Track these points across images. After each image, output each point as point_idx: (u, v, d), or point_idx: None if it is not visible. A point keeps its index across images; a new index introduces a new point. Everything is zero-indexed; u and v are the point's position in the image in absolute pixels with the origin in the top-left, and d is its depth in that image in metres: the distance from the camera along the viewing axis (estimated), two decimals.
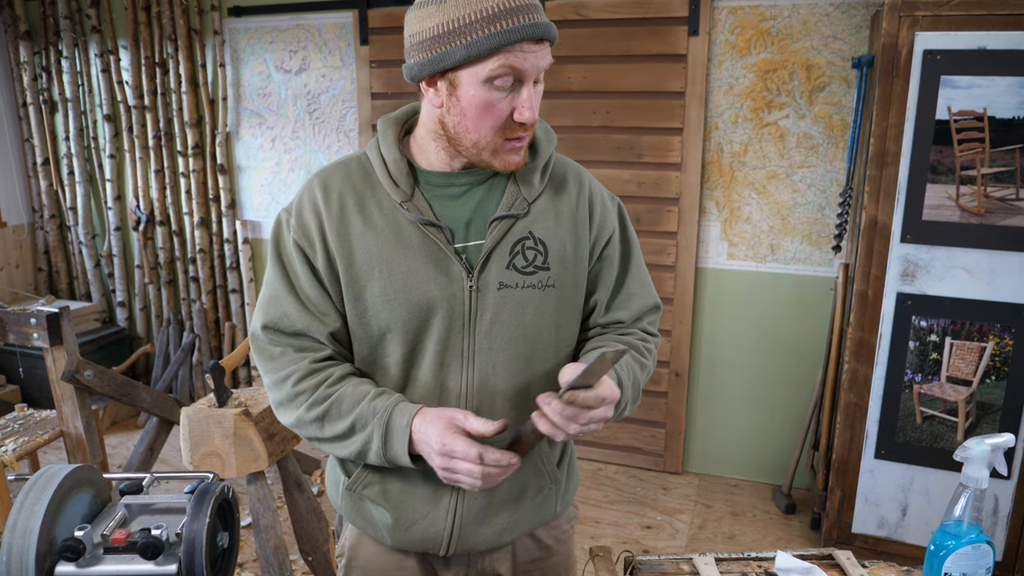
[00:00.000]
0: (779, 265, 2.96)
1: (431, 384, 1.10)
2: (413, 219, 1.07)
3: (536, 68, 0.99)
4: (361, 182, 1.11)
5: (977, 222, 2.25)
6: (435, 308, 1.07)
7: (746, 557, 1.19)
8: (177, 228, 3.82)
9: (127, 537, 0.91)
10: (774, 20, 2.76)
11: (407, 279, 1.07)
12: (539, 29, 0.97)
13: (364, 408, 1.05)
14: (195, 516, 0.90)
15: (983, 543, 1.02)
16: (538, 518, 1.23)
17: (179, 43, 3.52)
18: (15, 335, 2.21)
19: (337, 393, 1.08)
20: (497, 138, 1.02)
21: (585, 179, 1.19)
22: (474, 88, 0.99)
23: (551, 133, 1.17)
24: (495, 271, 1.08)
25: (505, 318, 1.09)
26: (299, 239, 1.10)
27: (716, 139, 2.93)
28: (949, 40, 2.17)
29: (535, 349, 1.12)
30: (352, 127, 3.43)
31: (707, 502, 3.06)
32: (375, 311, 1.08)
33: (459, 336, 1.09)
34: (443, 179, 1.10)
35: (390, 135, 1.11)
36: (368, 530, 1.21)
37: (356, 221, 1.08)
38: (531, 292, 1.10)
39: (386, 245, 1.07)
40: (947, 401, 2.38)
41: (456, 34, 0.96)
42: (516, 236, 1.09)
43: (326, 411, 1.08)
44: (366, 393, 1.07)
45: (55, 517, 0.90)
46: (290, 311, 1.10)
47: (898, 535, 2.53)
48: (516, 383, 1.12)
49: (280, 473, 2.10)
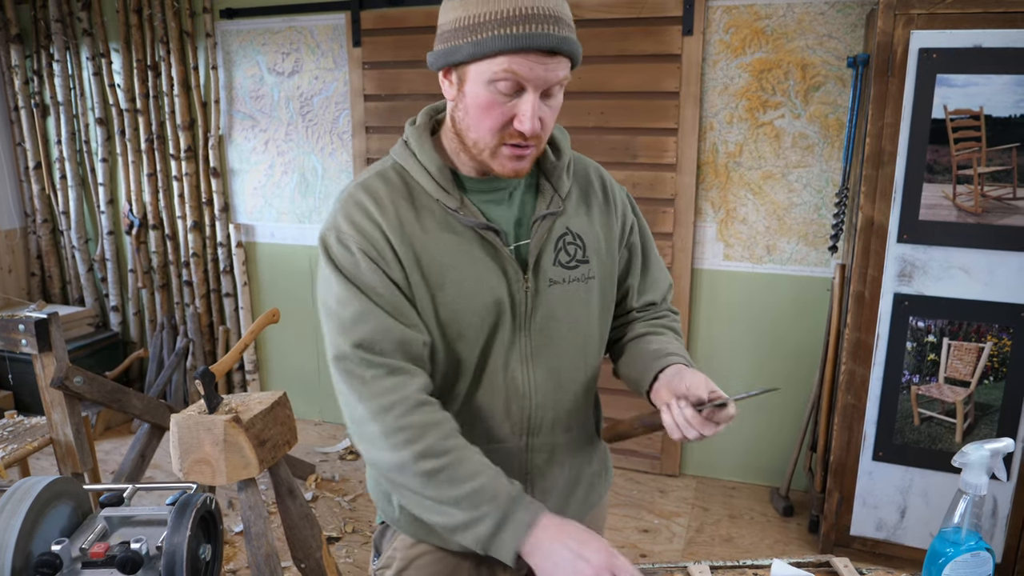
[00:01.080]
0: (775, 266, 2.94)
1: (498, 385, 1.11)
2: (470, 224, 1.06)
3: (541, 80, 0.97)
4: (406, 192, 1.08)
5: (974, 221, 2.23)
6: (502, 309, 1.09)
7: (742, 565, 1.17)
8: (170, 232, 3.80)
9: (106, 551, 0.89)
10: (768, 19, 2.74)
11: (476, 283, 1.07)
12: (549, 41, 0.95)
13: (485, 484, 0.99)
14: (176, 529, 0.88)
15: (982, 550, 1.00)
16: (588, 504, 1.28)
17: (171, 46, 3.50)
18: (3, 341, 2.19)
19: (456, 454, 1.00)
20: (495, 141, 1.01)
21: (604, 174, 1.24)
22: (478, 86, 0.99)
23: (565, 133, 1.19)
24: (545, 268, 1.11)
25: (559, 314, 1.12)
26: (366, 249, 1.03)
27: (711, 139, 2.91)
28: (945, 38, 2.15)
29: (586, 341, 1.17)
30: (345, 129, 3.41)
31: (704, 505, 3.04)
32: (449, 317, 1.07)
33: (519, 335, 1.11)
34: (486, 184, 1.10)
35: (427, 143, 1.09)
36: (431, 539, 1.19)
37: (416, 230, 1.05)
38: (577, 286, 1.13)
39: (450, 251, 1.06)
40: (945, 402, 2.36)
41: (469, 31, 0.97)
42: (557, 233, 1.12)
43: (439, 469, 0.99)
44: (486, 466, 1.01)
45: (32, 531, 0.88)
46: (380, 326, 1.02)
47: (896, 537, 2.51)
48: (574, 376, 1.16)
49: (272, 480, 2.07)
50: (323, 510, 2.97)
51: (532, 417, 1.13)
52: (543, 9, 0.95)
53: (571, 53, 0.98)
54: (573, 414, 1.19)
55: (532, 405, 1.13)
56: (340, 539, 2.77)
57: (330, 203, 3.51)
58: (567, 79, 1.01)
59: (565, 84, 1.02)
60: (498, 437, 1.13)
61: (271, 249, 3.69)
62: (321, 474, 3.26)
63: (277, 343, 3.81)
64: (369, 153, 3.37)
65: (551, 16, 0.95)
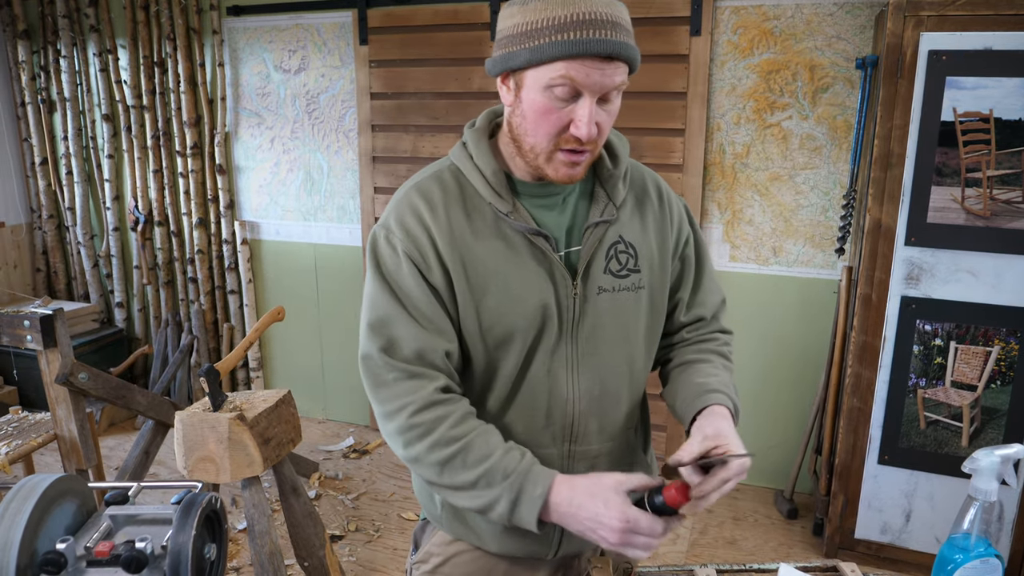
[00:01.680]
0: (782, 268, 2.93)
1: (540, 390, 1.11)
2: (521, 229, 1.07)
3: (598, 85, 0.96)
4: (459, 195, 1.09)
5: (983, 225, 2.22)
6: (548, 315, 1.08)
7: (748, 569, 1.17)
8: (175, 228, 3.80)
9: (111, 550, 0.88)
10: (777, 20, 2.73)
11: (522, 289, 1.07)
12: (606, 46, 0.95)
13: (494, 464, 1.03)
14: (181, 528, 0.88)
15: (992, 556, 0.99)
16: None
17: (178, 42, 3.50)
18: (9, 337, 2.19)
19: (465, 440, 1.04)
20: (552, 146, 1.02)
21: (661, 184, 1.22)
22: (535, 92, 0.99)
23: (624, 138, 1.18)
24: (595, 276, 1.10)
25: (607, 322, 1.11)
26: (411, 253, 1.06)
27: (718, 140, 2.90)
28: (954, 40, 2.14)
29: (634, 351, 1.16)
30: (351, 127, 3.41)
31: (708, 507, 3.02)
32: (492, 322, 1.08)
33: (564, 342, 1.10)
34: (538, 189, 1.10)
35: (484, 146, 1.10)
36: (469, 537, 1.21)
37: (466, 233, 1.07)
38: (626, 295, 1.13)
39: (498, 256, 1.07)
40: (952, 406, 2.35)
41: (526, 37, 0.97)
42: (610, 241, 1.11)
43: (450, 457, 1.04)
44: (495, 447, 1.04)
45: (36, 529, 0.88)
46: (404, 332, 1.07)
47: (902, 541, 2.50)
48: (619, 384, 1.15)
49: (276, 478, 2.07)
50: (326, 508, 2.97)
51: (575, 424, 1.13)
52: (600, 15, 0.94)
53: (628, 58, 0.98)
54: (617, 424, 1.18)
55: (575, 412, 1.12)
56: (343, 537, 2.77)
57: (335, 201, 3.52)
58: (624, 84, 1.00)
59: (623, 89, 1.01)
60: (539, 443, 1.13)
61: (276, 246, 3.70)
62: (325, 472, 3.26)
63: (281, 341, 3.81)
64: (375, 151, 3.37)
65: (608, 21, 0.95)
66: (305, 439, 3.57)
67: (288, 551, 2.49)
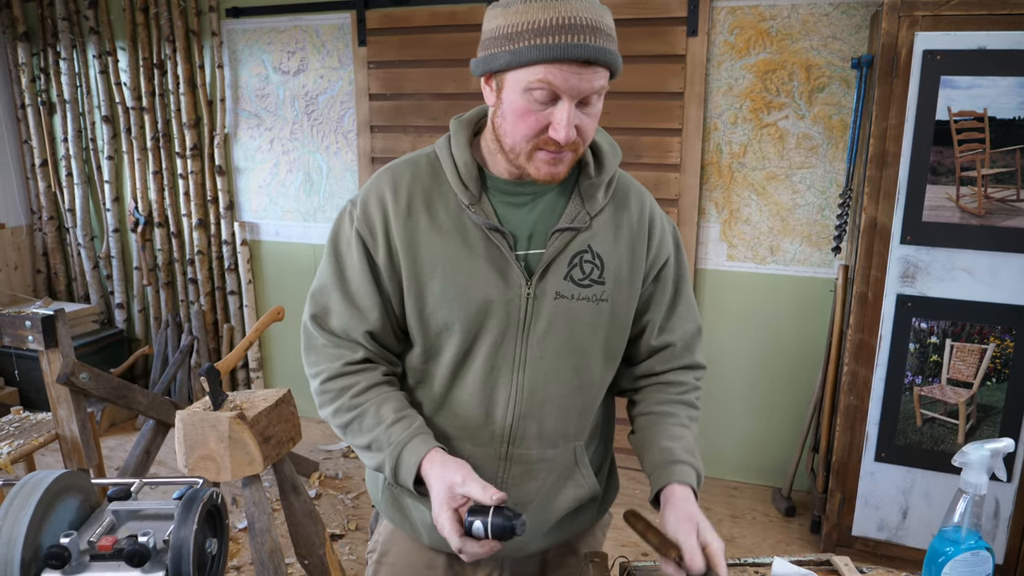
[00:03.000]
0: (779, 266, 2.94)
1: (481, 386, 1.11)
2: (479, 222, 1.08)
3: (576, 90, 0.97)
4: (430, 181, 1.12)
5: (977, 223, 2.23)
6: (492, 311, 1.08)
7: (743, 563, 1.18)
8: (175, 230, 3.81)
9: (114, 544, 0.90)
10: (773, 20, 2.75)
11: (468, 280, 1.08)
12: (585, 51, 0.94)
13: (380, 434, 1.09)
14: (183, 523, 0.89)
15: (982, 549, 1.01)
16: (575, 527, 1.26)
17: (177, 44, 3.51)
18: (10, 337, 2.20)
19: (360, 408, 1.11)
20: (530, 147, 1.02)
21: (647, 200, 1.19)
22: (515, 94, 1.00)
23: (616, 148, 1.16)
24: (553, 281, 1.09)
25: (559, 327, 1.10)
26: (361, 229, 1.11)
27: (715, 140, 2.92)
28: (949, 40, 2.16)
29: (584, 361, 1.14)
30: (350, 128, 3.42)
31: (706, 504, 3.04)
32: (434, 308, 1.09)
33: (512, 341, 1.10)
34: (511, 186, 1.10)
35: (463, 137, 1.12)
36: (405, 527, 1.24)
37: (423, 219, 1.09)
38: (585, 304, 1.11)
39: (450, 245, 1.08)
40: (948, 403, 2.37)
41: (507, 39, 0.98)
42: (576, 249, 1.10)
43: (348, 423, 1.12)
44: (384, 418, 1.09)
45: (41, 524, 0.89)
46: (335, 305, 1.13)
47: (898, 538, 2.51)
48: (563, 392, 1.13)
49: (276, 476, 2.08)
50: (326, 507, 2.98)
51: (513, 426, 1.12)
52: (581, 19, 0.94)
53: (608, 63, 0.98)
54: (558, 433, 1.15)
55: (516, 413, 1.12)
56: (343, 536, 2.79)
57: (334, 202, 3.53)
58: (604, 88, 1.00)
59: (603, 93, 1.02)
60: (477, 440, 1.14)
61: (276, 247, 3.71)
62: (324, 472, 3.27)
63: (281, 341, 3.82)
64: (374, 152, 3.38)
65: (588, 26, 0.95)
66: (305, 439, 3.58)
67: (288, 550, 2.50)
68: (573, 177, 1.13)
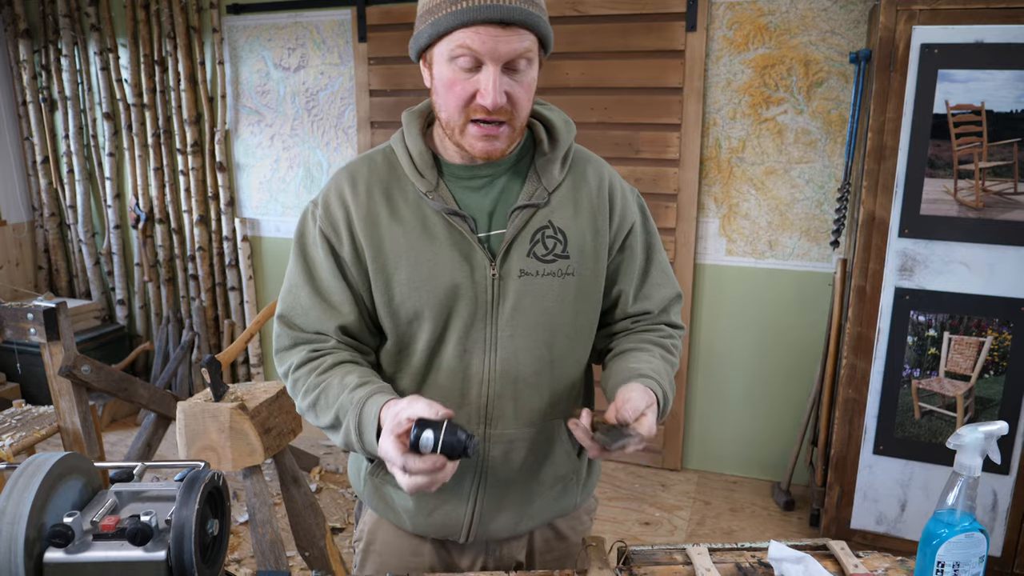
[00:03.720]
0: (777, 261, 2.95)
1: (455, 369, 1.12)
2: (438, 209, 1.08)
3: (497, 53, 0.97)
4: (387, 174, 1.13)
5: (975, 216, 2.24)
6: (460, 295, 1.09)
7: (739, 547, 1.19)
8: (176, 226, 3.83)
9: (116, 524, 0.91)
10: (772, 15, 2.76)
11: (433, 267, 1.08)
12: (499, 12, 0.95)
13: (344, 399, 1.04)
14: (184, 503, 0.90)
15: (976, 531, 1.02)
16: (558, 508, 1.25)
17: (178, 41, 3.52)
18: (12, 331, 2.21)
19: (325, 383, 1.08)
20: (462, 119, 1.02)
21: (605, 171, 1.19)
22: (442, 65, 1.01)
23: (571, 124, 1.16)
24: (516, 259, 1.09)
25: (526, 305, 1.10)
26: (325, 228, 1.11)
27: (714, 135, 2.93)
28: (947, 34, 2.17)
29: (555, 336, 1.13)
30: (351, 124, 3.43)
31: (706, 499, 3.05)
32: (402, 299, 1.10)
33: (482, 323, 1.10)
34: (466, 171, 1.11)
35: (415, 128, 1.13)
36: (388, 515, 1.23)
37: (383, 211, 1.10)
38: (551, 280, 1.11)
39: (412, 234, 1.09)
40: (946, 396, 2.37)
41: (429, 13, 1.01)
42: (536, 225, 1.10)
43: (315, 400, 1.09)
44: (348, 384, 1.06)
45: (44, 503, 0.90)
46: (304, 302, 1.13)
47: (897, 531, 2.52)
48: (537, 369, 1.13)
49: (277, 468, 2.10)
50: (327, 502, 2.99)
51: (489, 406, 1.12)
52: None
53: (529, 24, 0.97)
54: (535, 411, 1.15)
55: (490, 394, 1.12)
56: (344, 530, 2.80)
57: None
58: (530, 51, 1.00)
59: (533, 59, 1.01)
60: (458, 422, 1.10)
61: (276, 244, 3.72)
62: (325, 466, 3.28)
63: None
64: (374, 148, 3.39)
65: None
66: (306, 434, 3.59)
67: (289, 543, 2.51)
68: (528, 155, 1.14)
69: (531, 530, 1.25)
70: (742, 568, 1.13)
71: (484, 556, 1.24)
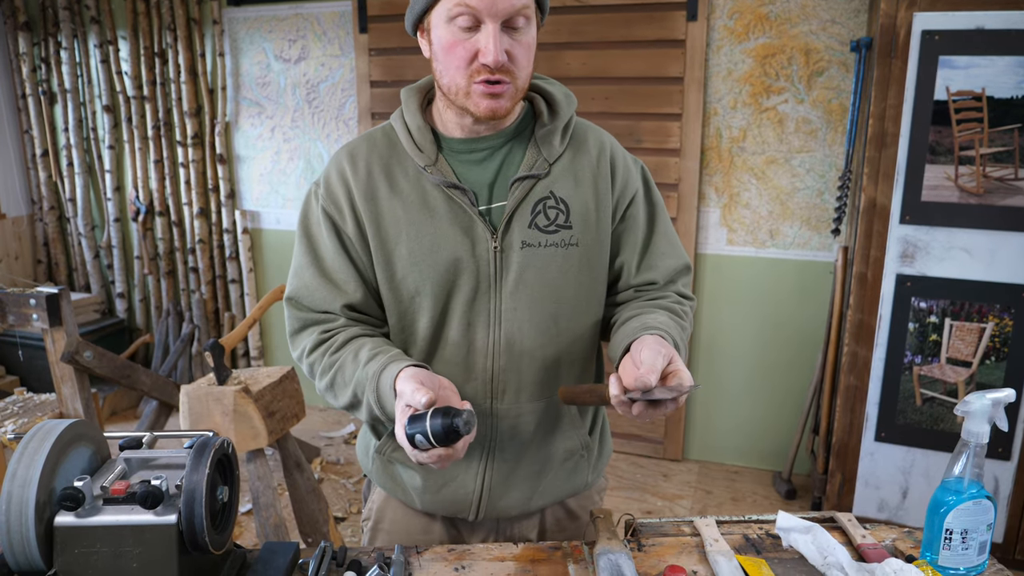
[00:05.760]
0: (778, 250, 2.96)
1: (460, 344, 1.12)
2: (438, 183, 1.08)
3: (495, 8, 0.97)
4: (387, 151, 1.13)
5: (976, 202, 2.25)
6: (462, 269, 1.09)
7: (747, 520, 1.19)
8: (176, 218, 3.82)
9: (127, 488, 0.91)
10: (772, 5, 2.76)
11: (434, 241, 1.08)
12: None
13: (360, 375, 1.05)
14: (195, 468, 0.90)
15: (984, 498, 1.02)
16: (569, 487, 1.24)
17: (178, 33, 3.52)
18: (15, 317, 2.21)
19: (339, 361, 1.09)
20: (466, 80, 1.02)
21: (606, 141, 1.18)
22: (441, 29, 1.01)
23: (571, 96, 1.17)
24: (518, 231, 1.09)
25: (529, 277, 1.09)
26: (327, 207, 1.12)
27: (715, 124, 2.93)
28: (947, 20, 2.17)
29: (560, 308, 1.13)
30: (351, 116, 3.43)
31: (707, 488, 3.06)
32: (404, 274, 1.10)
33: (485, 296, 1.10)
34: (465, 144, 1.11)
35: (413, 103, 1.13)
36: (397, 493, 1.23)
37: (383, 187, 1.10)
38: (554, 251, 1.10)
39: (412, 209, 1.09)
40: (947, 383, 2.38)
41: None
42: (537, 196, 1.10)
43: (332, 380, 1.09)
44: (361, 360, 1.06)
45: (55, 468, 0.90)
46: (310, 282, 1.14)
47: (898, 517, 2.53)
48: (543, 342, 1.13)
49: (280, 453, 2.10)
50: (329, 492, 2.99)
51: (495, 380, 1.12)
52: None
53: None
54: (543, 384, 1.14)
55: (496, 368, 1.12)
56: (346, 519, 2.79)
57: None
58: (528, 8, 1.00)
59: (531, 17, 1.02)
60: (465, 397, 1.12)
61: (277, 236, 3.72)
62: (326, 457, 3.28)
63: (282, 328, 3.83)
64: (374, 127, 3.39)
65: None
66: (307, 426, 3.59)
67: (292, 530, 2.51)
68: (529, 128, 1.14)
69: (543, 508, 1.24)
70: (750, 539, 1.13)
71: (495, 534, 1.24)
